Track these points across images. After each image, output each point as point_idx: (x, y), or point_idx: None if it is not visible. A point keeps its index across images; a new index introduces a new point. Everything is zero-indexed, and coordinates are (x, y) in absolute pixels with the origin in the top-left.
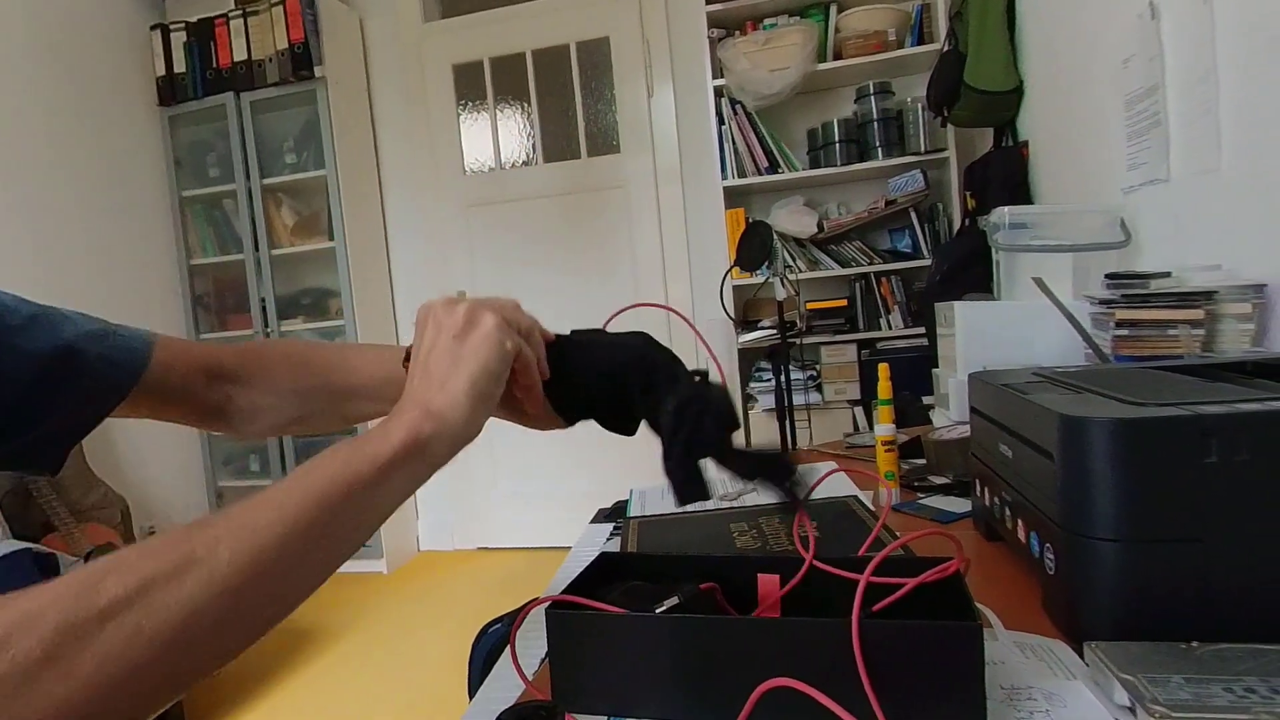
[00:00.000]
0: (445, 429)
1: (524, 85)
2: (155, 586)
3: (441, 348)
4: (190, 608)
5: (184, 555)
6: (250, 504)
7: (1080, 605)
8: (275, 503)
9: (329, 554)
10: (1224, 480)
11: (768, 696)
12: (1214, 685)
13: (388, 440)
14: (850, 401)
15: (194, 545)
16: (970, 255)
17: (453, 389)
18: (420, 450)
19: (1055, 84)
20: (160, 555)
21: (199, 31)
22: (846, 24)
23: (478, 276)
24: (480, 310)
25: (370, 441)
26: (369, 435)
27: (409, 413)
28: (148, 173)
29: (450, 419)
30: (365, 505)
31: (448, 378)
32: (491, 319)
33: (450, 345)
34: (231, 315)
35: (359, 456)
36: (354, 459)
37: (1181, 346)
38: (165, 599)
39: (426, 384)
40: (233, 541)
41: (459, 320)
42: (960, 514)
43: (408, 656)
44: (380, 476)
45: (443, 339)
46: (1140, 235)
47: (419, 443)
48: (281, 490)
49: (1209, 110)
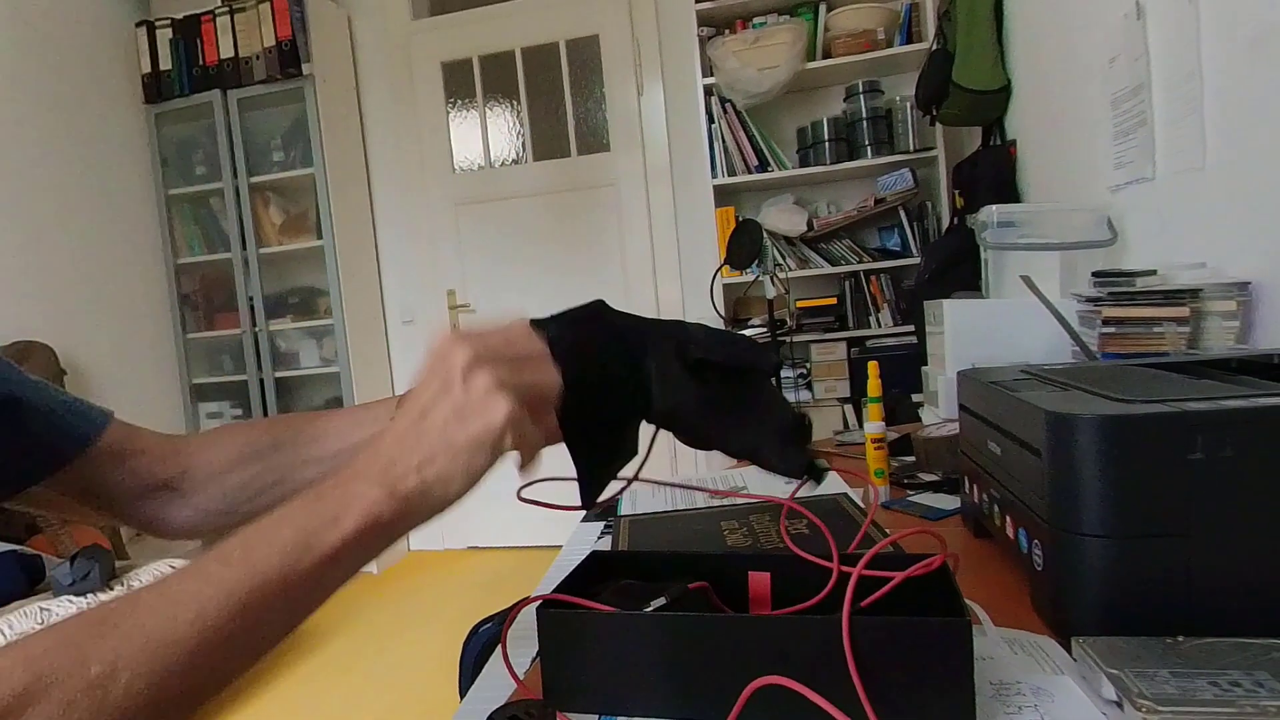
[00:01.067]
0: (410, 515)
1: (513, 83)
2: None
3: (439, 417)
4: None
5: (77, 677)
6: (169, 598)
7: (1068, 601)
8: (196, 604)
9: (247, 653)
10: (1209, 476)
11: (759, 693)
12: (1199, 679)
13: (338, 527)
14: (840, 399)
15: (89, 659)
16: (959, 253)
17: (431, 474)
18: (374, 536)
19: (1042, 83)
20: (48, 666)
21: (185, 28)
22: (836, 23)
23: (467, 275)
24: (495, 396)
25: (316, 524)
26: (319, 511)
27: (371, 489)
28: (133, 171)
29: (416, 506)
30: (298, 601)
31: (431, 459)
32: (503, 412)
33: (448, 420)
34: (219, 314)
35: (300, 544)
36: (294, 548)
37: (1167, 344)
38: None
39: (406, 452)
40: (134, 659)
41: (470, 398)
42: (949, 511)
43: (398, 657)
44: (322, 570)
45: (444, 407)
46: (1126, 233)
47: (377, 527)
48: (208, 584)
49: (1193, 109)
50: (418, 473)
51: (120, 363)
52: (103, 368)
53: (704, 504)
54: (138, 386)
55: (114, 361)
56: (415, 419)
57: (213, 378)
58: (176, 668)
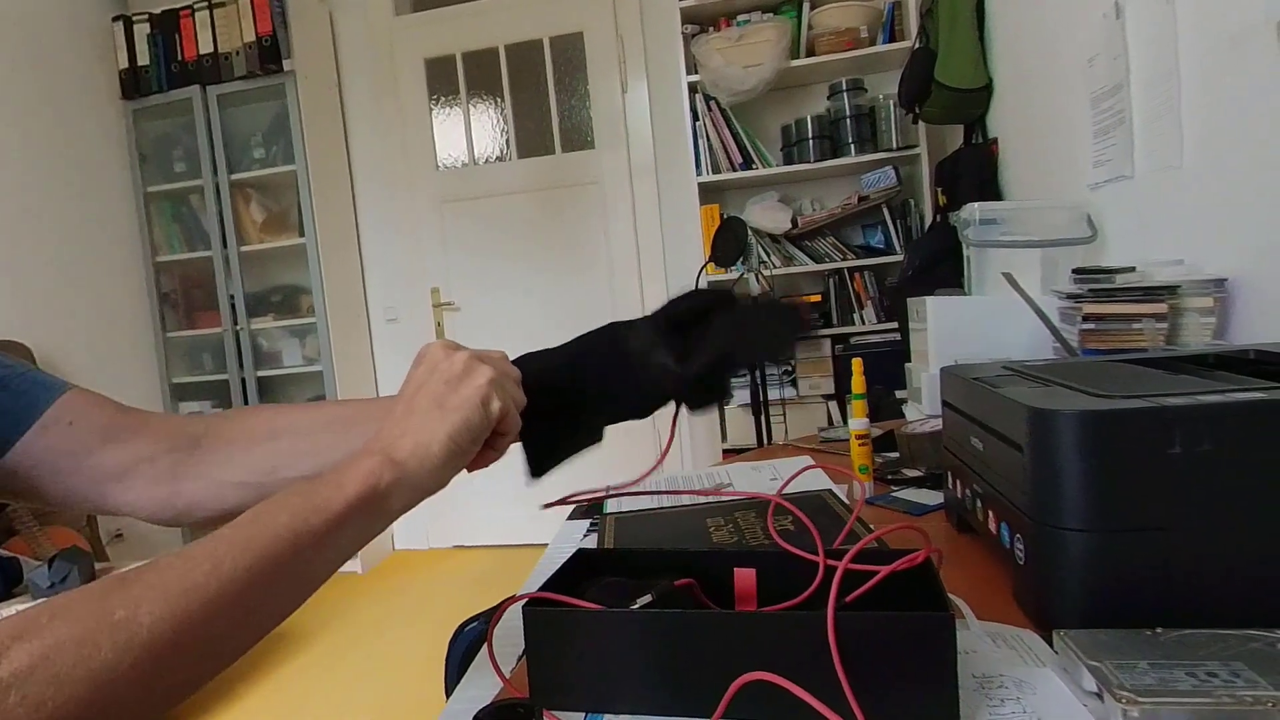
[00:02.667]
0: (406, 479)
1: (497, 80)
2: (63, 654)
3: (430, 390)
4: (104, 677)
5: (99, 618)
6: (185, 555)
7: (1049, 594)
8: (212, 558)
9: (265, 614)
10: (1187, 470)
11: (745, 689)
12: (1178, 670)
13: (341, 490)
14: (825, 396)
15: (112, 606)
16: (941, 251)
17: (426, 436)
18: (376, 502)
19: (1023, 82)
20: (73, 617)
21: (163, 23)
22: (819, 21)
23: (451, 273)
24: (477, 363)
25: (322, 489)
26: (323, 480)
27: (370, 458)
28: (111, 167)
29: (413, 470)
30: (309, 562)
31: (425, 423)
32: (486, 374)
33: (439, 390)
34: (199, 313)
35: (308, 507)
36: (302, 510)
37: (1146, 340)
38: (74, 669)
39: (402, 424)
40: (156, 604)
41: (455, 368)
42: (933, 506)
43: (384, 656)
44: (329, 530)
45: (433, 381)
46: (1106, 231)
47: (376, 494)
48: (221, 543)
49: (1171, 108)
50: (415, 434)
51: (98, 362)
52: (80, 367)
53: (689, 501)
54: (116, 386)
55: (92, 361)
56: (409, 394)
57: (193, 377)
58: (198, 614)
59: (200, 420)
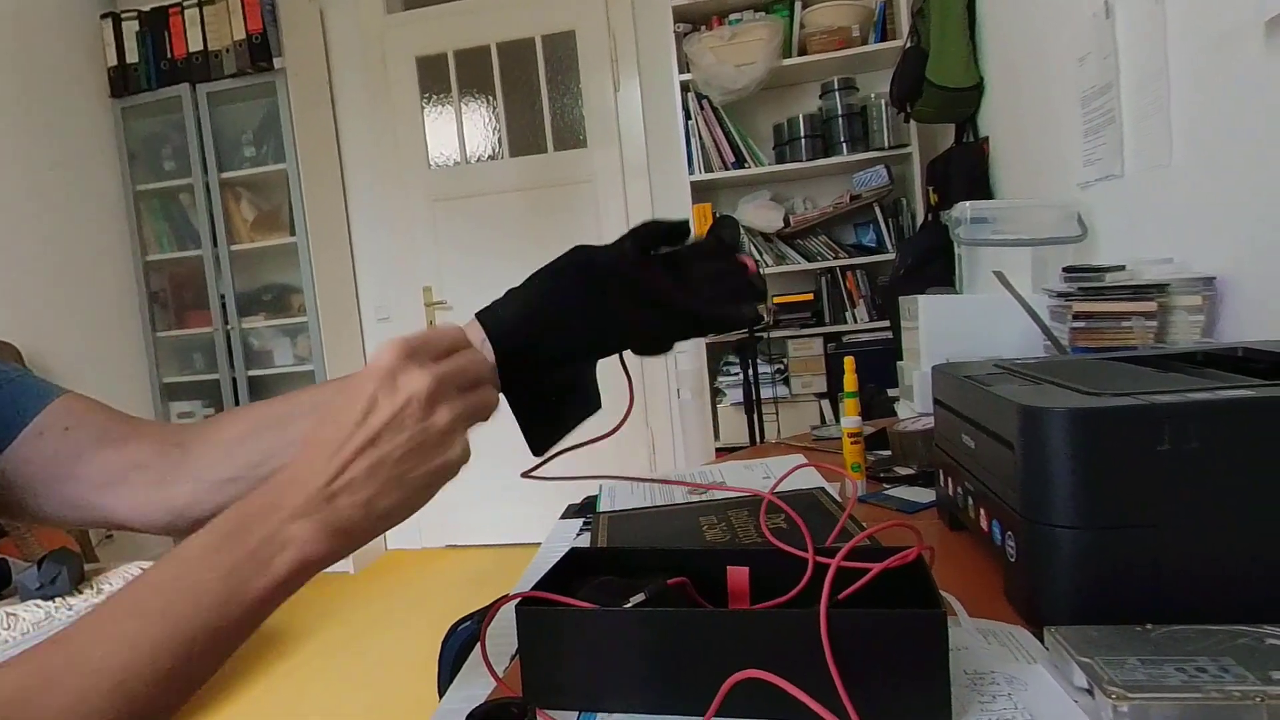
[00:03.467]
0: (345, 548)
1: (489, 78)
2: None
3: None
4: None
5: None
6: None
7: (1040, 591)
8: (120, 673)
9: (176, 697)
10: (1176, 467)
11: (738, 687)
12: (1167, 666)
13: (268, 572)
14: (817, 394)
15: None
16: (933, 249)
17: (380, 509)
18: (308, 573)
19: (1014, 81)
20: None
21: (152, 21)
22: (811, 20)
23: (443, 271)
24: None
25: (247, 569)
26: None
27: (304, 529)
28: (100, 166)
29: (356, 540)
30: (230, 642)
31: (383, 493)
32: (462, 449)
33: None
34: (190, 312)
35: (229, 593)
36: (222, 599)
37: (1135, 338)
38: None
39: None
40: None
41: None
42: (925, 504)
43: (377, 656)
44: (253, 611)
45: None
46: (1096, 229)
47: (307, 568)
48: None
49: (1160, 107)
50: (365, 507)
51: (88, 361)
52: (70, 367)
53: (682, 499)
54: (107, 385)
55: (82, 360)
56: (360, 446)
57: (184, 376)
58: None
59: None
